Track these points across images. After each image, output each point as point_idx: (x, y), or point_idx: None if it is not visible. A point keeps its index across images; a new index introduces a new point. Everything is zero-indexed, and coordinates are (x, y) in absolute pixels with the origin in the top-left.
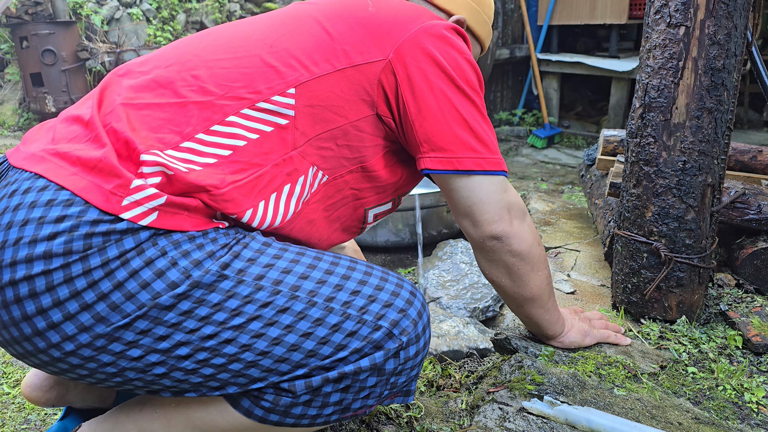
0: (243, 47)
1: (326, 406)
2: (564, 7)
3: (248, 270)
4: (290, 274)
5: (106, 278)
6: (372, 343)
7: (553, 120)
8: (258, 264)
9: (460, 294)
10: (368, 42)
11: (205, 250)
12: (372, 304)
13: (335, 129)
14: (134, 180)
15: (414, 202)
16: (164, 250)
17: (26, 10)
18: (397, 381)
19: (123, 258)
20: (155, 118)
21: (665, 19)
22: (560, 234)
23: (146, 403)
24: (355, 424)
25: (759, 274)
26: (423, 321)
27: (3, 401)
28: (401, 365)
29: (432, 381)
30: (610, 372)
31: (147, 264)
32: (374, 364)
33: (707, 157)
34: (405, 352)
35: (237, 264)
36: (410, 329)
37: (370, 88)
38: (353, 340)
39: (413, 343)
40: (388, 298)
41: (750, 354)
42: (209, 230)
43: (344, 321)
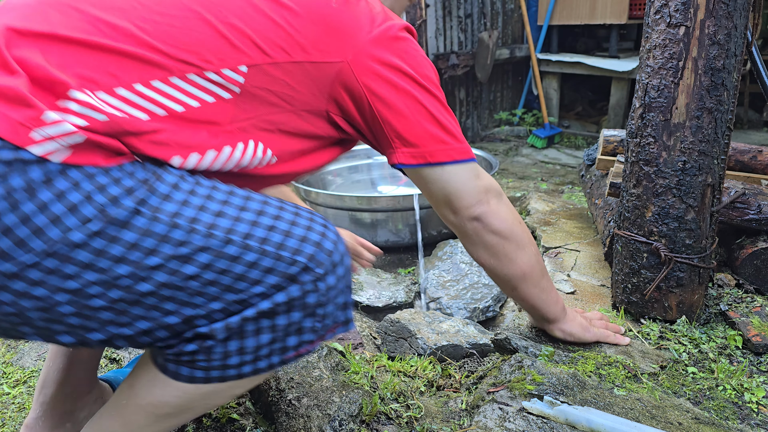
0: (191, 8)
1: (260, 348)
2: (564, 7)
3: (163, 207)
4: (206, 212)
5: (11, 211)
6: (288, 278)
7: (553, 120)
8: (174, 201)
9: (460, 294)
10: (328, 41)
11: (122, 185)
12: (287, 239)
13: (279, 114)
14: (48, 113)
15: (414, 202)
16: (77, 183)
17: None
18: (326, 312)
19: (29, 189)
20: (87, 58)
21: (665, 19)
22: (560, 234)
23: (103, 412)
24: (355, 424)
25: (759, 274)
26: (338, 250)
27: (3, 401)
28: (324, 296)
29: (432, 381)
30: (610, 372)
31: (58, 197)
32: (291, 298)
33: (707, 157)
34: (324, 283)
35: (153, 201)
36: (326, 261)
37: (325, 87)
38: (270, 276)
39: (330, 272)
40: (303, 233)
41: (750, 354)
42: (125, 163)
43: (261, 258)
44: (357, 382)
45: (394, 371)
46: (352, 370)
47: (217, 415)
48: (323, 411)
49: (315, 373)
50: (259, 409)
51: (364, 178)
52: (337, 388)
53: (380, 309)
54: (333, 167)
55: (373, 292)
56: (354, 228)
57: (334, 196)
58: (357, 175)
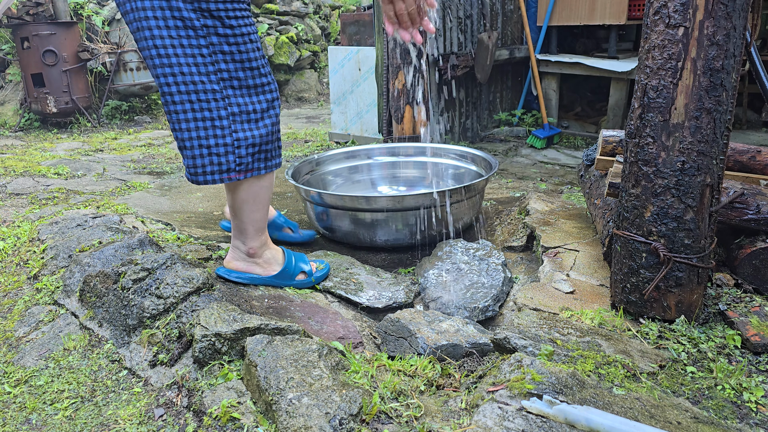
0: None
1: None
2: (563, 7)
3: None
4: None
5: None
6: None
7: (553, 120)
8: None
9: (459, 294)
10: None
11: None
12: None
13: None
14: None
15: (414, 202)
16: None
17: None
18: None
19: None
20: None
21: (664, 19)
22: (559, 234)
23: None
24: (355, 423)
25: (758, 273)
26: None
27: (3, 401)
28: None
29: (432, 380)
30: (609, 371)
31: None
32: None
33: (706, 157)
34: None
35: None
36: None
37: None
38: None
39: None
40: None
41: (749, 353)
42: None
43: None
44: (357, 382)
45: (394, 370)
46: (353, 370)
47: (217, 414)
48: (323, 410)
49: (315, 373)
50: (260, 408)
51: (364, 178)
52: (337, 388)
53: (380, 309)
54: (333, 167)
55: (373, 292)
56: (354, 228)
57: (334, 196)
58: (357, 176)
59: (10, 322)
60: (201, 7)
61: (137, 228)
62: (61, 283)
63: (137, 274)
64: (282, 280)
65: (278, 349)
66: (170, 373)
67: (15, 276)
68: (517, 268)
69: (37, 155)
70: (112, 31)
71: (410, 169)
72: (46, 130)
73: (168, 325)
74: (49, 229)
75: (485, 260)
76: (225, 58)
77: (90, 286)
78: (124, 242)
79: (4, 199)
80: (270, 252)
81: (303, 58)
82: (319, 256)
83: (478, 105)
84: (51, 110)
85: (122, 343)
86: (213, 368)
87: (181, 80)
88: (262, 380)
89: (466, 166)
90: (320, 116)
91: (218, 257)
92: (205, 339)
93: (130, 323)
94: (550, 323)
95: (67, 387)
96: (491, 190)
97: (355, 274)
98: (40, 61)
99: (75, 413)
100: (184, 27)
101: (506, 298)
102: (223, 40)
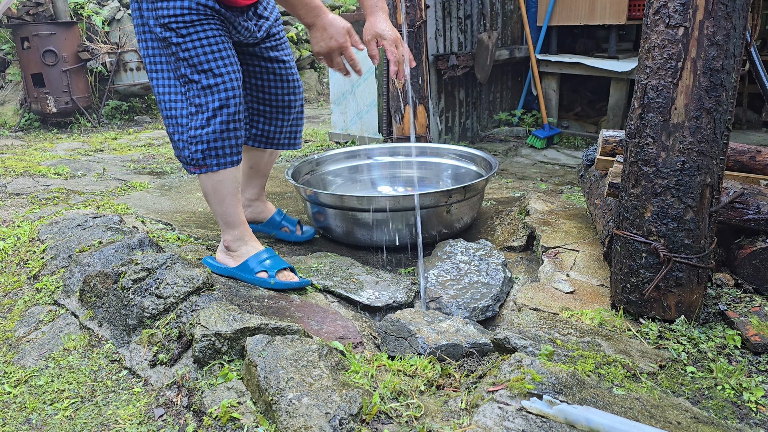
0: None
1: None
2: (563, 7)
3: None
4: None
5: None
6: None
7: (553, 120)
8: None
9: (459, 294)
10: None
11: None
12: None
13: None
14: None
15: (414, 202)
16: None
17: (27, 11)
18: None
19: None
20: None
21: (664, 19)
22: (559, 234)
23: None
24: (355, 423)
25: (758, 273)
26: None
27: (4, 401)
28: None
29: (432, 380)
30: (609, 371)
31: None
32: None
33: (706, 157)
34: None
35: None
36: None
37: None
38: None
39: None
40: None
41: (749, 353)
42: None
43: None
44: (357, 382)
45: (394, 370)
46: (353, 370)
47: (217, 414)
48: (323, 410)
49: (315, 372)
50: (260, 408)
51: (364, 178)
52: (337, 387)
53: (380, 309)
54: (333, 167)
55: (372, 292)
56: (354, 228)
57: (334, 196)
58: (357, 176)
59: (10, 322)
60: (161, 23)
61: (137, 228)
62: (61, 283)
63: (137, 274)
64: (242, 272)
65: (278, 349)
66: (170, 373)
67: (15, 276)
68: (517, 268)
69: (37, 155)
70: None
71: (411, 168)
72: (46, 130)
73: (168, 324)
74: (49, 229)
75: (485, 260)
76: (183, 64)
77: (90, 286)
78: (124, 242)
79: (4, 199)
80: (246, 248)
81: (303, 58)
82: (320, 257)
83: (478, 105)
84: (51, 110)
85: (122, 343)
86: (213, 368)
87: (160, 83)
88: (262, 380)
89: (466, 166)
90: (320, 116)
91: None
92: (205, 339)
93: (130, 323)
94: (550, 323)
95: (67, 387)
96: (491, 190)
97: (355, 274)
98: (40, 61)
99: (75, 413)
100: (154, 39)
101: (506, 298)
102: (178, 48)
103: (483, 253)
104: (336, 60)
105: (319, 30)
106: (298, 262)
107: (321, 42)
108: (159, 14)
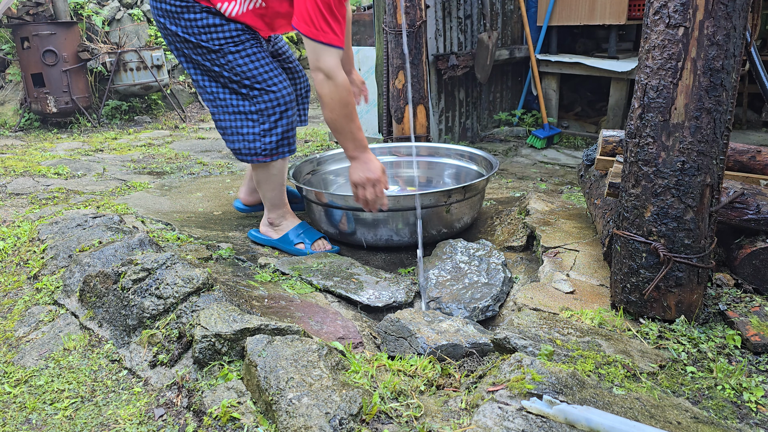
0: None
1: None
2: (563, 7)
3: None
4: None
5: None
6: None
7: (553, 120)
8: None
9: (459, 294)
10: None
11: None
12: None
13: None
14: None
15: (414, 202)
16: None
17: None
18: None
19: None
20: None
21: (664, 19)
22: (559, 234)
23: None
24: (355, 423)
25: (758, 273)
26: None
27: (4, 401)
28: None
29: (432, 380)
30: (609, 371)
31: (199, 17)
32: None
33: (706, 157)
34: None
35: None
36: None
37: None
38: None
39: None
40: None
41: (749, 353)
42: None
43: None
44: (357, 382)
45: (394, 370)
46: (353, 370)
47: (217, 414)
48: (323, 410)
49: (315, 373)
50: (260, 408)
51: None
52: (337, 388)
53: (380, 309)
54: (334, 167)
55: (373, 291)
56: (355, 227)
57: (336, 196)
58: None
59: (10, 322)
60: (215, 46)
61: (137, 228)
62: (61, 283)
63: (137, 274)
64: (283, 243)
65: (278, 349)
66: (170, 374)
67: (15, 276)
68: (517, 268)
69: (37, 155)
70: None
71: (411, 168)
72: (46, 130)
73: (168, 325)
74: (49, 229)
75: (485, 260)
76: (224, 74)
77: (90, 286)
78: (124, 242)
79: (4, 199)
80: (286, 222)
81: (303, 58)
82: (320, 257)
83: (478, 105)
84: (51, 110)
85: (122, 343)
86: (213, 368)
87: (219, 103)
88: (262, 380)
89: (466, 165)
90: (320, 116)
91: (218, 257)
92: (205, 339)
93: (130, 323)
94: (550, 323)
95: (67, 387)
96: (491, 190)
97: (355, 274)
98: (40, 61)
99: (75, 413)
100: (206, 68)
101: (506, 298)
102: (235, 65)
103: (483, 253)
104: (368, 191)
105: (361, 163)
106: (298, 261)
107: (360, 173)
108: (213, 37)
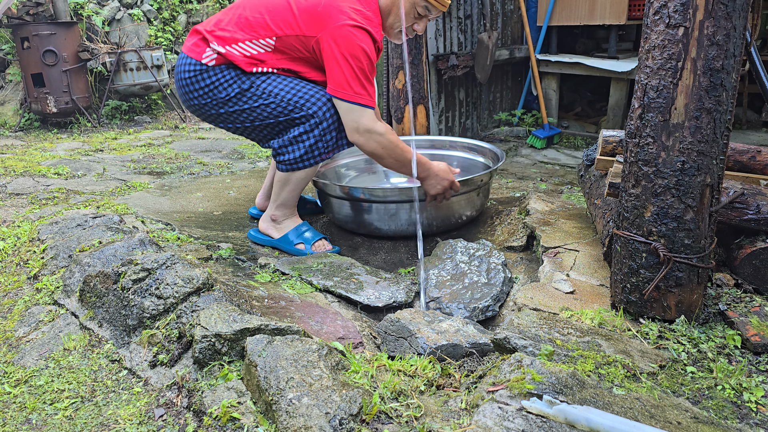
0: (259, 9)
1: (299, 155)
2: (563, 8)
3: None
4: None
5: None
6: (304, 119)
7: (553, 120)
8: (253, 82)
9: (459, 293)
10: (312, 25)
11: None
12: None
13: (291, 53)
14: (207, 49)
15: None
16: (220, 74)
17: (27, 11)
18: (324, 142)
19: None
20: (231, 31)
21: (664, 19)
22: (559, 234)
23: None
24: (355, 423)
25: (758, 273)
26: (325, 111)
27: (4, 401)
28: (320, 133)
29: (432, 380)
30: (609, 371)
31: (215, 79)
32: (305, 131)
33: (706, 157)
34: (318, 128)
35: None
36: (320, 115)
37: (309, 46)
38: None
39: (322, 122)
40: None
41: (749, 353)
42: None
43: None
44: (357, 382)
45: (394, 370)
46: (353, 370)
47: (217, 414)
48: (323, 410)
49: (315, 373)
50: (260, 408)
51: (379, 169)
52: (337, 388)
53: (380, 309)
54: (346, 160)
55: (372, 291)
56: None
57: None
58: (372, 167)
59: (10, 322)
60: (238, 91)
61: (137, 228)
62: (61, 283)
63: (137, 274)
64: (283, 243)
65: (278, 349)
66: (170, 374)
67: (15, 276)
68: (517, 268)
69: (37, 155)
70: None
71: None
72: (46, 130)
73: (168, 325)
74: (49, 229)
75: (485, 260)
76: (261, 108)
77: (90, 286)
78: (124, 242)
79: (4, 199)
80: (288, 221)
81: None
82: (320, 257)
83: (478, 105)
84: (51, 110)
85: (122, 344)
86: (213, 368)
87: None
88: (262, 380)
89: (474, 158)
90: None
91: (218, 257)
92: (205, 339)
93: (130, 323)
94: (550, 323)
95: (67, 387)
96: (491, 190)
97: (355, 274)
98: (40, 61)
99: (75, 413)
100: (238, 100)
101: (506, 298)
102: (263, 94)
103: (483, 253)
104: (447, 193)
105: (433, 178)
106: (298, 261)
107: (437, 186)
108: (243, 79)
